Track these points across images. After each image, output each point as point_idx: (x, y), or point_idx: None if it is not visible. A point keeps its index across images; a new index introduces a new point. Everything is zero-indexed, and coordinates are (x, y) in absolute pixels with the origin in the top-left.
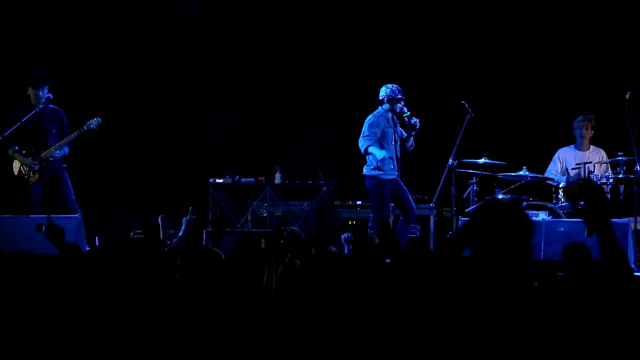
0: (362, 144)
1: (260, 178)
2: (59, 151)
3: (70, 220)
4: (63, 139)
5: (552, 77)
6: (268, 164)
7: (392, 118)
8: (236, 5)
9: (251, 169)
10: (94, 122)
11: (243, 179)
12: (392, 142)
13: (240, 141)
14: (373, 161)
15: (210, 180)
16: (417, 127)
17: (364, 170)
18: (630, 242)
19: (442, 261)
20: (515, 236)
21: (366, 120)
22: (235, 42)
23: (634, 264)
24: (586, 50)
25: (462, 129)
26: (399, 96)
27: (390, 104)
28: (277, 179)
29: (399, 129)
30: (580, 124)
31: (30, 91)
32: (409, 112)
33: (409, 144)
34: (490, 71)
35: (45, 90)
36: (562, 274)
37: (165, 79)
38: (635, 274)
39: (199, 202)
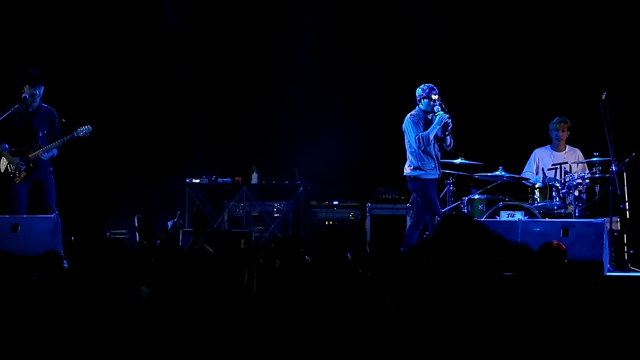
0: (418, 142)
1: (237, 178)
2: (47, 153)
3: (46, 221)
4: (53, 141)
5: (528, 78)
6: (245, 164)
7: (431, 117)
8: (213, 5)
9: (228, 169)
10: (84, 130)
11: (220, 179)
12: (432, 141)
13: (216, 141)
14: (414, 161)
15: (187, 181)
16: (450, 127)
17: (404, 170)
18: (606, 243)
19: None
20: (476, 251)
21: (406, 122)
22: (212, 42)
23: (610, 264)
24: (562, 50)
25: None
26: (431, 95)
27: (423, 104)
28: (254, 179)
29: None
30: (557, 125)
31: (27, 89)
32: (441, 112)
33: (447, 144)
34: (466, 72)
35: (42, 90)
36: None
37: (142, 79)
38: (610, 274)
39: (176, 202)
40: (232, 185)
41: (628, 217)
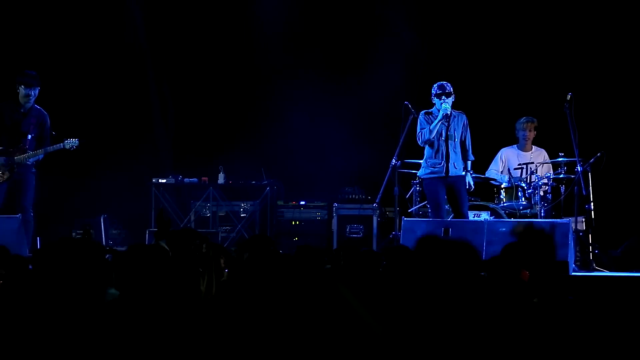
0: (418, 138)
1: (203, 178)
2: (32, 158)
3: (10, 221)
4: (41, 143)
5: (494, 78)
6: (211, 164)
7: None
8: (179, 5)
9: (194, 169)
10: (70, 143)
11: (186, 179)
12: (442, 138)
13: (183, 141)
14: (423, 162)
15: (154, 180)
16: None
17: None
18: (571, 243)
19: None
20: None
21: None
22: (179, 41)
23: (575, 264)
24: (528, 51)
25: (405, 130)
26: (438, 92)
27: (435, 102)
28: (221, 179)
29: (454, 125)
30: (523, 125)
31: (22, 89)
32: (445, 106)
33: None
34: (432, 71)
35: (37, 91)
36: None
37: (108, 79)
38: (576, 273)
39: (142, 202)
40: (199, 185)
41: (593, 217)
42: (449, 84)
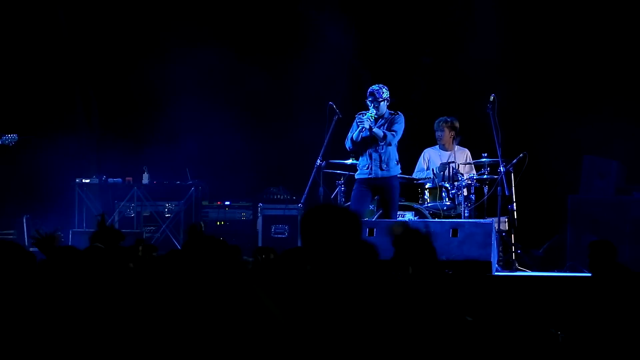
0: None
1: (127, 178)
2: None
3: None
4: None
5: (417, 79)
6: (135, 164)
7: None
8: (103, 8)
9: (118, 168)
10: (9, 138)
11: (110, 179)
12: (367, 140)
13: (107, 141)
14: None
15: (77, 181)
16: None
17: None
18: (494, 243)
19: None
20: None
21: None
22: (102, 39)
23: (498, 264)
24: (452, 51)
25: (330, 130)
26: (368, 98)
27: None
28: (145, 179)
29: (383, 129)
30: (436, 125)
31: None
32: (369, 116)
33: (379, 139)
34: (356, 72)
35: None
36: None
37: (32, 79)
38: (499, 273)
39: (66, 203)
40: (123, 185)
41: (516, 217)
42: (380, 89)
